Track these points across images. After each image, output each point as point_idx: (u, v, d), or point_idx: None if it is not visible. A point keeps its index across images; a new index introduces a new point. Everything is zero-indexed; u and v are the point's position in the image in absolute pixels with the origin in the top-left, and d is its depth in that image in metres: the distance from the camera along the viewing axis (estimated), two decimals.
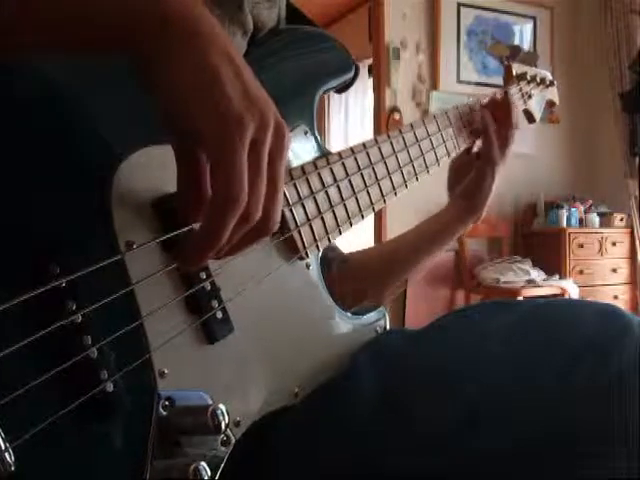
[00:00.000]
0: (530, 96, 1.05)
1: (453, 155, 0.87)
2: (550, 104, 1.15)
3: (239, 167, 0.42)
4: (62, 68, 0.48)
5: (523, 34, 4.07)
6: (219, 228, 0.43)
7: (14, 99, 0.46)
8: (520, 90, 1.02)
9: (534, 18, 4.08)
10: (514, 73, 1.04)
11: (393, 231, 3.39)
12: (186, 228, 0.50)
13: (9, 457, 0.37)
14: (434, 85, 3.77)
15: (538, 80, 1.07)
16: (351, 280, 0.84)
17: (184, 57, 0.42)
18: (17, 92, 0.46)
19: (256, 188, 0.44)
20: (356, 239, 1.23)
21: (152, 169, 0.51)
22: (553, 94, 1.14)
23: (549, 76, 1.12)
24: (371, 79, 4.16)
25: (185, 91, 0.42)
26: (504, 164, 0.91)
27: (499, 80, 1.07)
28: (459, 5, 3.83)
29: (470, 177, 0.90)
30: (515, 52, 3.91)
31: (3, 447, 0.37)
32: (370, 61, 4.12)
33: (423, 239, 0.89)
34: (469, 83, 3.83)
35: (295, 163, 0.66)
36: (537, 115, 1.08)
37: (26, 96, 0.46)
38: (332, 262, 0.81)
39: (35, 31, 0.41)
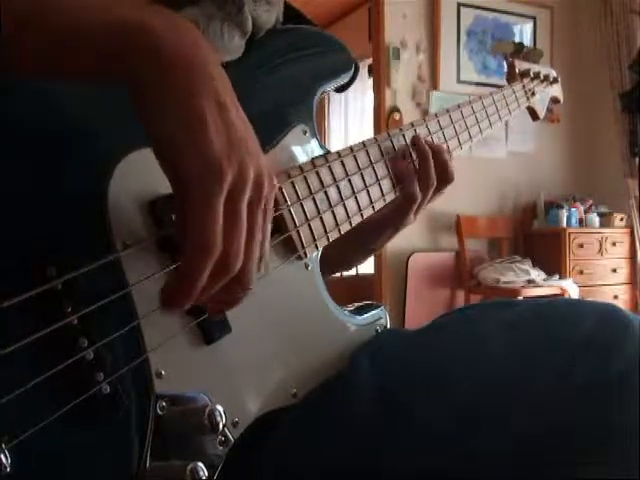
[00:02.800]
0: (534, 93, 1.04)
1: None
2: (554, 101, 1.14)
3: (213, 215, 0.41)
4: None
5: (523, 34, 4.07)
6: (191, 274, 0.42)
7: (12, 100, 0.46)
8: (523, 87, 1.02)
9: (534, 18, 4.08)
10: (517, 70, 1.04)
11: None
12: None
13: (5, 458, 0.38)
14: (434, 85, 3.77)
15: (542, 77, 1.07)
16: None
17: (174, 94, 0.42)
18: (15, 93, 0.46)
19: (233, 237, 0.43)
20: None
21: (148, 170, 0.51)
22: (557, 91, 1.14)
23: (553, 73, 1.11)
24: (371, 79, 4.16)
25: (170, 128, 0.41)
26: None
27: (499, 80, 1.07)
28: (459, 5, 3.83)
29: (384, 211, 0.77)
30: (519, 49, 3.91)
31: None
32: (370, 61, 4.12)
33: (366, 233, 0.81)
34: (469, 83, 3.83)
35: (294, 163, 0.66)
36: (541, 112, 1.07)
37: (24, 97, 0.46)
38: None
39: (32, 62, 0.42)
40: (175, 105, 0.42)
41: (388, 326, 0.73)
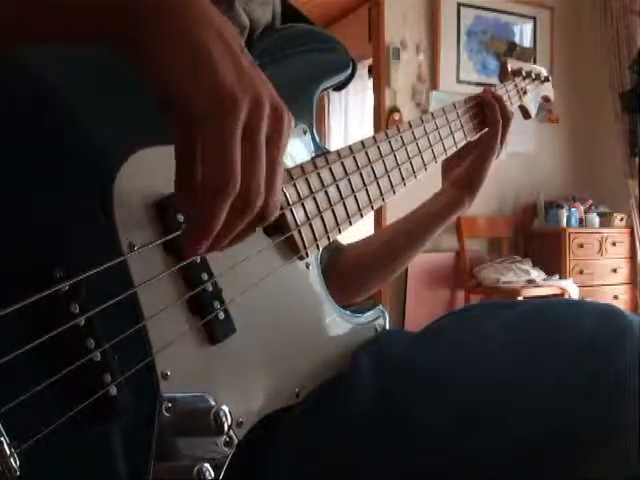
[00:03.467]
0: (525, 92, 1.05)
1: (461, 145, 0.90)
2: (545, 100, 1.15)
3: (230, 149, 0.40)
4: (64, 69, 0.48)
5: (523, 34, 4.06)
6: (209, 216, 0.40)
7: (15, 100, 0.45)
8: (516, 86, 1.03)
9: (534, 18, 4.08)
10: (509, 69, 1.04)
11: None
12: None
13: (14, 462, 0.37)
14: (434, 85, 3.77)
15: (533, 76, 1.08)
16: (346, 271, 0.85)
17: (174, 34, 0.40)
18: (18, 93, 0.46)
19: (253, 172, 0.41)
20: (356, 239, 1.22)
21: (154, 170, 0.51)
22: (548, 90, 1.15)
23: (544, 72, 1.12)
24: (371, 79, 4.16)
25: (175, 68, 0.40)
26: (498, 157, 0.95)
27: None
28: (459, 5, 3.82)
29: (466, 165, 0.92)
30: (511, 48, 3.92)
31: (8, 452, 0.37)
32: (370, 61, 4.12)
33: (418, 226, 0.90)
34: (469, 83, 3.82)
35: (294, 163, 0.66)
36: (532, 111, 1.08)
37: (27, 97, 0.46)
38: (324, 250, 0.80)
39: (31, 20, 0.41)
40: (177, 43, 0.40)
41: (387, 325, 0.73)
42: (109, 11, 0.41)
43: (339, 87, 0.78)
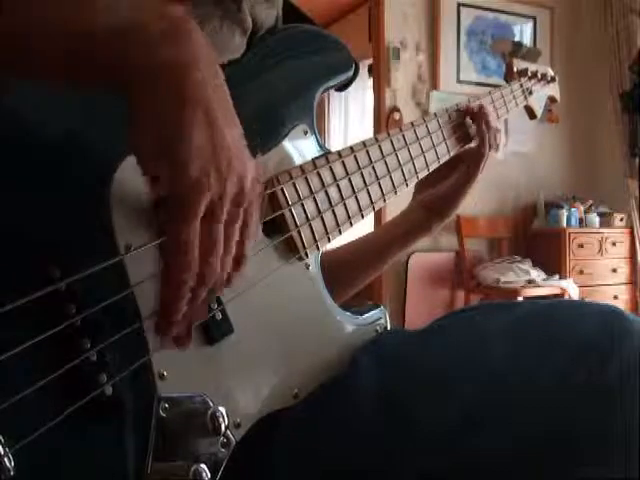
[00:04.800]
0: (531, 92, 1.05)
1: (445, 159, 0.85)
2: (552, 100, 1.15)
3: (187, 233, 0.43)
4: None
5: (523, 34, 4.06)
6: (174, 289, 0.44)
7: (14, 100, 0.45)
8: (521, 86, 1.03)
9: (534, 18, 4.08)
10: (515, 69, 1.04)
11: None
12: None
13: (8, 462, 0.38)
14: (434, 85, 3.77)
15: (539, 76, 1.08)
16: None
17: (162, 106, 0.42)
18: (18, 94, 0.46)
19: (209, 255, 0.45)
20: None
21: None
22: (554, 90, 1.14)
23: (550, 72, 1.12)
24: (371, 79, 4.16)
25: (154, 142, 0.42)
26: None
27: (499, 80, 1.07)
28: (459, 5, 3.82)
29: (442, 188, 0.87)
30: (517, 48, 3.91)
31: (2, 452, 0.38)
32: (370, 61, 4.12)
33: (384, 243, 0.87)
34: (469, 83, 3.82)
35: (295, 162, 0.66)
36: (538, 111, 1.08)
37: (26, 96, 0.46)
38: None
39: (32, 69, 0.42)
40: (158, 119, 0.42)
41: (388, 326, 0.73)
42: (109, 65, 0.42)
43: (341, 88, 0.78)
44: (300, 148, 0.68)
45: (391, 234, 0.88)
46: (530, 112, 1.07)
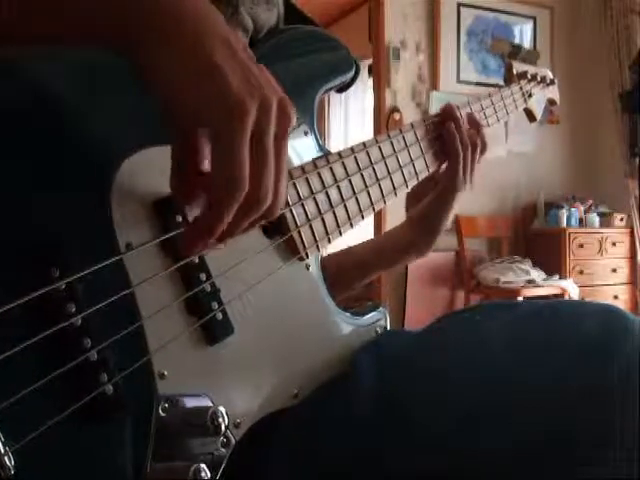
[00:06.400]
0: (531, 95, 1.05)
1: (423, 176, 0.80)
2: (551, 102, 1.15)
3: (241, 152, 0.41)
4: (63, 68, 0.48)
5: (523, 34, 4.06)
6: (217, 214, 0.43)
7: (15, 100, 0.46)
8: (521, 89, 1.03)
9: (534, 18, 4.08)
10: (515, 72, 1.04)
11: None
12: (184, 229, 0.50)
13: (9, 461, 0.38)
14: (434, 85, 3.77)
15: (539, 79, 1.08)
16: None
17: (179, 41, 0.41)
18: (18, 93, 0.46)
19: (262, 174, 0.43)
20: (355, 239, 1.22)
21: (153, 170, 0.51)
22: (554, 93, 1.15)
23: (550, 75, 1.12)
24: (371, 79, 4.16)
25: (182, 76, 0.41)
26: (467, 188, 0.84)
27: (499, 80, 1.07)
28: (459, 5, 3.82)
29: (428, 200, 0.84)
30: (516, 50, 3.92)
31: (2, 451, 0.38)
32: (370, 61, 4.12)
33: (376, 256, 0.86)
34: (469, 83, 3.82)
35: (295, 163, 0.66)
36: (538, 114, 1.08)
37: (27, 96, 0.46)
38: None
39: (31, 22, 0.41)
40: (180, 54, 0.41)
41: (388, 327, 0.73)
42: (109, 16, 0.41)
43: (341, 89, 0.78)
44: (300, 148, 0.68)
45: (386, 246, 0.87)
46: (530, 115, 1.07)
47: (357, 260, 0.88)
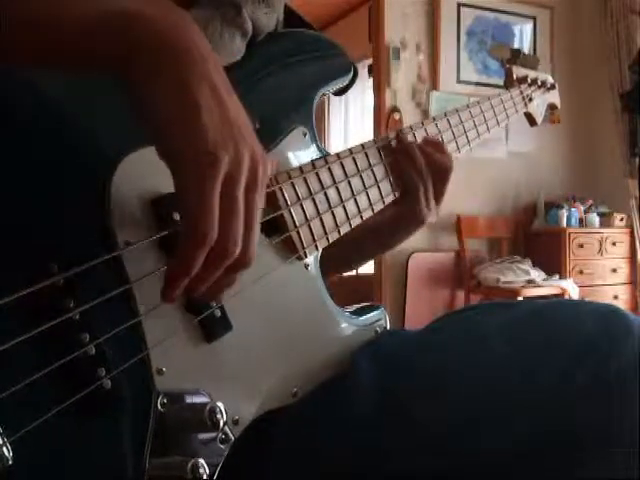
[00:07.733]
0: (531, 99, 1.05)
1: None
2: (552, 107, 1.15)
3: (208, 201, 0.42)
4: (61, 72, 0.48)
5: (523, 34, 4.06)
6: (185, 262, 0.43)
7: (14, 103, 0.46)
8: (521, 93, 1.03)
9: (534, 18, 4.08)
10: (515, 76, 1.05)
11: None
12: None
13: (7, 452, 0.38)
14: (434, 85, 3.77)
15: (539, 83, 1.08)
16: None
17: (166, 80, 0.42)
18: (17, 97, 0.46)
19: (231, 223, 0.43)
20: None
21: (151, 169, 0.51)
22: (554, 97, 1.15)
23: (550, 79, 1.12)
24: (371, 79, 4.16)
25: (165, 118, 0.42)
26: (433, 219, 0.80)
27: (499, 80, 1.07)
28: (459, 5, 3.82)
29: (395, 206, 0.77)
30: (516, 55, 3.92)
31: (0, 442, 0.38)
32: (370, 61, 4.12)
33: (371, 233, 0.81)
34: (469, 83, 3.83)
35: (294, 164, 0.66)
36: (539, 118, 1.08)
37: (26, 96, 0.46)
38: None
39: (33, 54, 0.42)
40: (168, 92, 0.42)
41: (388, 327, 0.73)
42: (110, 37, 0.42)
43: (339, 92, 0.78)
44: (299, 150, 0.69)
45: (374, 225, 0.80)
46: (530, 119, 1.07)
47: (353, 237, 0.86)
